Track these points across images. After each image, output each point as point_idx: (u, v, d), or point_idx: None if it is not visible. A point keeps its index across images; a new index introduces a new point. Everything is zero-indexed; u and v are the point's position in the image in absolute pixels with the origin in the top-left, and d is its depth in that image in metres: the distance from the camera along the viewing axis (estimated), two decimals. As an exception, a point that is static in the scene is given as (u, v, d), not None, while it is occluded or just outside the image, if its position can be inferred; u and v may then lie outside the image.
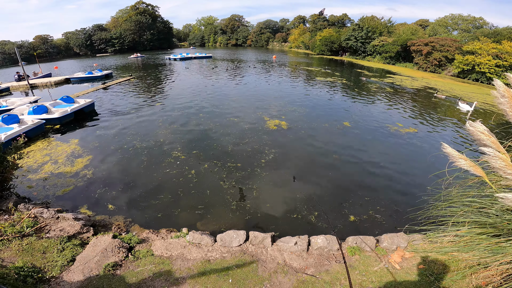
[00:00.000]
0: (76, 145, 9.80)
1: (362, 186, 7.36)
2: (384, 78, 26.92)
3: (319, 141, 10.07)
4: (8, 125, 11.35)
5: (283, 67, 33.01)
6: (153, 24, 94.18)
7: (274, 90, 18.78)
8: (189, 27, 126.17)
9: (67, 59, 77.89)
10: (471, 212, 3.52)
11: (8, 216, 4.88)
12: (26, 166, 8.13)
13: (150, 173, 7.67)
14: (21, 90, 24.93)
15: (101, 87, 22.17)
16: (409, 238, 4.66)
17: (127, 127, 11.67)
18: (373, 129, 11.75)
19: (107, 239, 4.67)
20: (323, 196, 6.90)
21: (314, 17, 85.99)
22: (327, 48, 54.89)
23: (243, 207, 6.33)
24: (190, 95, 17.31)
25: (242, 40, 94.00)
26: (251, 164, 8.18)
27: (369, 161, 8.85)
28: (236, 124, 11.57)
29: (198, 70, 30.60)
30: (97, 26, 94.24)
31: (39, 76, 31.07)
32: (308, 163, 8.47)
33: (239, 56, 49.71)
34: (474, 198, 3.63)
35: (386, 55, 42.64)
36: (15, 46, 45.00)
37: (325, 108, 14.64)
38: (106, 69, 34.32)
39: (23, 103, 16.17)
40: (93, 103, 14.90)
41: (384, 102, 16.85)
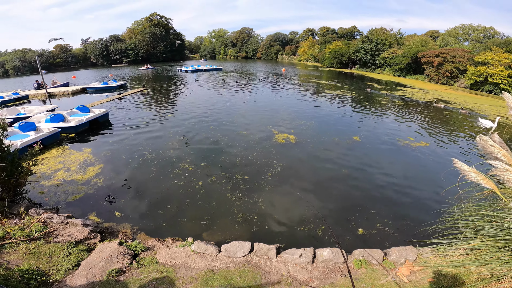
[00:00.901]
0: (89, 154, 10.08)
1: (371, 199, 7.28)
2: (394, 91, 26.74)
3: (328, 155, 10.01)
4: (25, 132, 11.79)
5: (292, 80, 33.25)
6: (166, 36, 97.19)
7: (283, 103, 18.89)
8: (200, 39, 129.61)
9: (85, 69, 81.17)
10: (483, 225, 3.44)
11: (19, 220, 5.03)
12: (40, 172, 8.40)
13: (159, 183, 7.80)
14: (40, 99, 26.01)
15: (116, 97, 22.89)
16: (419, 251, 4.55)
17: (138, 137, 11.94)
18: (383, 143, 11.62)
19: (113, 245, 4.73)
20: (330, 209, 6.85)
21: (323, 30, 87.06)
22: (336, 60, 55.05)
23: (249, 219, 6.31)
24: (200, 107, 17.61)
25: (252, 53, 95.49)
26: (258, 177, 8.20)
27: (378, 175, 8.75)
28: (244, 137, 11.67)
29: (208, 83, 31.17)
30: (113, 37, 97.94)
31: (57, 85, 32.42)
32: (316, 177, 8.43)
33: (249, 68, 50.47)
34: (486, 211, 3.55)
35: (396, 67, 42.37)
36: (36, 54, 47.22)
37: (334, 122, 14.59)
38: (120, 80, 35.52)
39: (40, 111, 16.82)
40: (107, 113, 15.31)
41: (394, 115, 16.67)
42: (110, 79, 36.21)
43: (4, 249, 4.24)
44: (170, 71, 49.43)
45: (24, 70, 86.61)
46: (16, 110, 17.36)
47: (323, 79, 35.34)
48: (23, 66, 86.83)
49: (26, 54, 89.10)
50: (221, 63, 66.61)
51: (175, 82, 33.40)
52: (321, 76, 38.42)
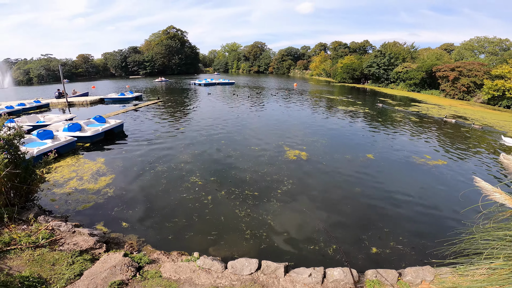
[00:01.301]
0: (101, 164, 10.24)
1: (385, 218, 7.02)
2: (409, 106, 26.25)
3: (340, 173, 9.76)
4: (42, 140, 12.16)
5: (304, 95, 33.25)
6: (182, 48, 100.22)
7: (295, 119, 18.77)
8: (214, 52, 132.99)
9: (104, 79, 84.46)
10: (506, 245, 3.23)
11: (27, 227, 5.06)
12: (53, 180, 8.56)
13: (168, 196, 7.78)
14: (60, 107, 27.09)
15: (131, 108, 23.53)
16: (436, 271, 4.32)
17: (151, 149, 12.05)
18: (398, 161, 11.27)
19: (117, 256, 4.66)
20: (342, 227, 6.62)
21: (335, 44, 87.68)
22: (349, 75, 54.78)
23: (258, 236, 6.14)
24: (212, 121, 17.74)
25: (264, 67, 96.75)
26: (268, 193, 8.05)
27: (393, 193, 8.45)
28: (255, 152, 11.57)
29: (220, 96, 31.60)
30: (132, 48, 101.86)
31: (77, 94, 33.78)
32: (327, 195, 8.21)
33: (261, 83, 50.96)
34: (510, 231, 3.34)
35: (411, 82, 41.72)
36: (60, 63, 49.79)
37: (347, 138, 14.30)
38: (136, 91, 36.67)
39: (59, 120, 17.41)
40: (122, 124, 15.60)
41: (409, 132, 16.24)
42: (127, 90, 37.46)
43: (8, 254, 4.25)
44: (184, 84, 50.69)
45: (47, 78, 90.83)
46: (36, 118, 18.07)
47: (335, 94, 35.22)
48: (46, 75, 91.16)
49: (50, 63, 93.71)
50: (233, 77, 67.86)
51: (188, 95, 34.11)
52: (333, 92, 38.32)
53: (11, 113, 23.28)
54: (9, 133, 6.01)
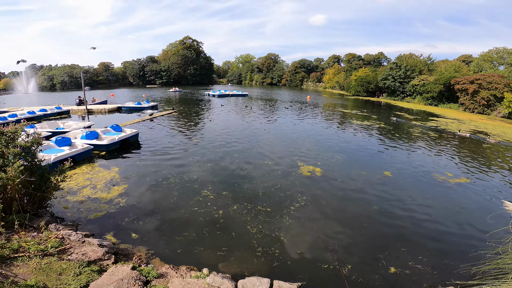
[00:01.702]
0: (115, 173, 10.30)
1: (403, 237, 6.70)
2: (426, 121, 25.47)
3: (356, 190, 9.36)
4: (60, 147, 12.46)
5: (318, 108, 32.93)
6: (197, 59, 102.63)
7: (309, 133, 18.41)
8: (228, 64, 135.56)
9: (122, 88, 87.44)
10: None
11: (37, 234, 5.04)
12: (67, 187, 8.65)
13: (179, 209, 7.67)
14: (79, 114, 28.03)
15: (147, 118, 24.02)
16: None
17: (164, 160, 12.05)
18: (418, 179, 10.76)
19: (125, 269, 4.54)
20: (357, 246, 6.30)
21: (349, 56, 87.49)
22: (363, 88, 54.01)
23: (270, 254, 5.88)
24: (226, 134, 17.67)
25: (277, 79, 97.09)
26: (281, 209, 7.79)
27: (412, 213, 8.03)
28: (269, 167, 11.34)
29: (234, 108, 31.72)
30: (150, 58, 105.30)
31: (96, 102, 34.98)
32: (342, 213, 7.87)
33: (274, 96, 50.98)
34: None
35: (428, 95, 40.57)
36: (82, 71, 52.17)
37: (362, 154, 13.80)
38: (152, 101, 37.60)
39: (78, 127, 17.91)
40: (137, 133, 15.80)
41: (428, 148, 15.60)
42: (144, 100, 38.49)
43: (15, 261, 4.20)
44: (199, 95, 51.58)
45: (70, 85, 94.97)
46: (56, 124, 18.71)
47: (349, 108, 34.70)
48: (69, 81, 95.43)
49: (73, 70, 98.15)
50: (247, 89, 68.51)
51: (202, 106, 34.54)
52: (347, 105, 37.82)
53: (33, 118, 24.32)
54: (27, 140, 6.13)
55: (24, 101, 47.42)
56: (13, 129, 5.93)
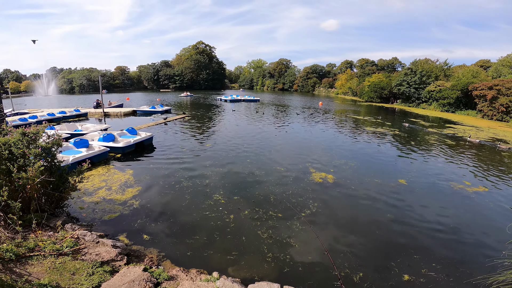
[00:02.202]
0: (130, 175, 10.54)
1: (417, 246, 6.58)
2: (443, 128, 24.73)
3: (369, 198, 9.17)
4: (78, 149, 12.89)
5: (330, 114, 32.48)
6: (209, 64, 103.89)
7: (321, 140, 18.20)
8: (240, 69, 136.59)
9: (137, 91, 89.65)
10: None
11: (53, 233, 5.21)
12: (83, 188, 8.93)
13: (190, 212, 7.75)
14: (96, 117, 28.95)
15: (161, 121, 24.51)
16: None
17: (177, 164, 12.22)
18: (434, 187, 10.46)
19: (137, 271, 4.61)
20: (369, 254, 6.19)
21: (361, 62, 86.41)
22: (376, 94, 53.04)
23: (280, 259, 5.84)
24: (238, 139, 17.72)
25: (288, 85, 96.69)
26: (292, 215, 7.73)
27: (427, 221, 7.81)
28: (280, 173, 11.27)
29: (245, 114, 31.77)
30: (164, 62, 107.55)
31: (112, 105, 36.06)
32: (354, 220, 7.74)
33: (285, 101, 50.79)
34: None
35: (444, 102, 39.32)
36: (100, 74, 54.15)
37: (377, 162, 13.47)
38: (166, 105, 38.38)
39: (95, 129, 18.49)
40: (152, 137, 16.12)
41: (445, 156, 15.11)
42: (158, 104, 39.35)
43: (30, 260, 4.33)
44: (211, 100, 52.18)
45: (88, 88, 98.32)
46: (74, 126, 19.39)
47: (362, 114, 34.14)
48: (87, 85, 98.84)
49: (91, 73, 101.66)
50: (258, 94, 68.61)
51: (215, 110, 34.91)
52: (360, 112, 37.22)
53: (52, 120, 25.32)
54: (48, 141, 6.38)
55: (44, 103, 49.51)
56: (35, 130, 6.17)
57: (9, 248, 4.16)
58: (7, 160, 5.28)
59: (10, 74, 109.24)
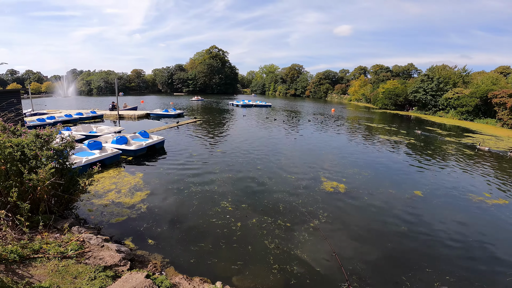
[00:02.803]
0: (139, 179, 10.60)
1: (431, 260, 6.30)
2: (461, 137, 23.79)
3: (382, 210, 8.82)
4: (91, 150, 13.17)
5: (342, 121, 31.80)
6: (222, 68, 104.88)
7: (333, 147, 17.81)
8: (252, 74, 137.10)
9: (152, 95, 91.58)
10: None
11: (59, 236, 5.24)
12: (94, 191, 9.06)
13: (197, 219, 7.67)
14: (111, 119, 29.71)
15: (173, 125, 24.83)
16: None
17: (187, 169, 12.20)
18: (450, 198, 10.02)
19: (139, 277, 4.54)
20: (379, 267, 5.97)
21: (376, 68, 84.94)
22: (391, 101, 51.77)
23: (286, 271, 5.65)
24: (249, 145, 17.58)
25: (300, 90, 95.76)
26: (301, 226, 7.51)
27: (443, 233, 7.47)
28: (291, 181, 11.05)
29: (256, 119, 31.59)
30: (178, 66, 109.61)
31: (127, 108, 36.95)
32: (364, 232, 7.45)
33: (297, 107, 50.28)
34: None
35: (462, 110, 37.86)
36: (116, 77, 55.88)
37: (391, 172, 13.00)
38: (178, 109, 38.96)
39: (109, 131, 18.91)
40: (163, 140, 16.26)
41: (463, 166, 14.46)
42: (170, 107, 39.99)
43: (34, 262, 4.33)
44: (223, 104, 52.51)
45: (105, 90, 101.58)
46: (90, 128, 19.91)
47: (375, 121, 33.33)
48: (105, 87, 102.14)
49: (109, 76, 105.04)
50: (270, 100, 68.32)
51: (226, 115, 35.06)
52: (374, 119, 36.41)
53: (69, 121, 26.17)
54: (61, 143, 6.49)
55: (64, 104, 51.43)
56: (49, 132, 6.30)
57: (13, 249, 4.19)
58: (19, 161, 5.38)
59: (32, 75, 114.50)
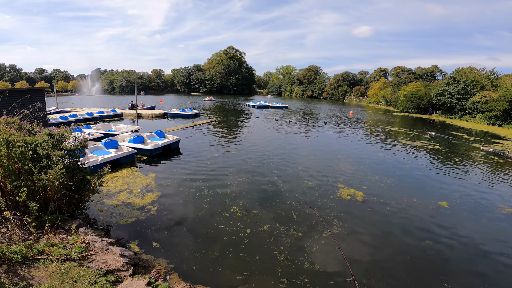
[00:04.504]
0: (151, 180, 10.60)
1: (452, 276, 5.84)
2: (489, 143, 22.26)
3: (402, 221, 8.25)
4: (108, 149, 13.44)
5: (361, 125, 30.55)
6: (239, 69, 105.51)
7: (351, 151, 17.08)
8: (269, 75, 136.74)
9: (170, 94, 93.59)
10: None
11: (65, 237, 5.23)
12: (106, 190, 9.15)
13: (205, 224, 7.48)
14: (130, 118, 30.51)
15: (189, 125, 25.07)
16: None
17: (200, 170, 12.08)
18: (478, 209, 9.32)
19: (140, 284, 4.40)
20: (397, 282, 5.59)
21: (397, 70, 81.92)
22: (413, 104, 49.55)
23: (296, 284, 5.35)
24: (263, 147, 17.20)
25: (318, 92, 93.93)
26: (314, 235, 7.13)
27: (469, 248, 6.96)
28: (306, 186, 10.62)
29: (272, 121, 30.94)
30: (196, 66, 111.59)
31: (145, 107, 37.87)
32: (383, 245, 6.98)
33: (314, 109, 49.21)
34: None
35: (490, 114, 35.59)
36: (136, 77, 57.66)
37: (413, 180, 12.17)
38: (195, 109, 39.42)
39: (126, 130, 19.32)
40: (178, 140, 16.34)
41: (492, 176, 13.43)
42: (187, 107, 40.58)
43: (36, 263, 4.30)
44: (240, 105, 52.55)
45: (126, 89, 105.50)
46: (109, 126, 20.45)
47: (397, 125, 31.79)
48: (126, 86, 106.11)
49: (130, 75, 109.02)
50: (286, 101, 67.58)
51: (242, 116, 34.88)
52: (395, 122, 34.90)
53: (90, 119, 27.15)
54: (73, 143, 6.54)
55: (88, 103, 53.72)
56: (61, 132, 6.35)
57: (17, 250, 4.19)
58: (31, 161, 5.44)
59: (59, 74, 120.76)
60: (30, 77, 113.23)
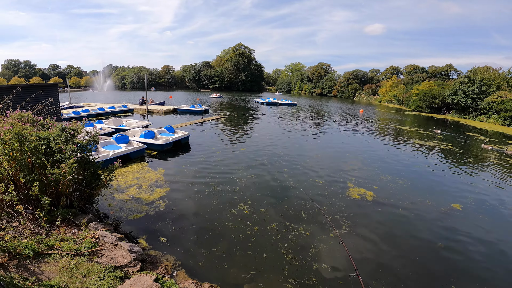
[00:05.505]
0: (161, 175, 10.68)
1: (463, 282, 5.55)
2: (504, 145, 21.51)
3: (414, 223, 8.07)
4: (119, 144, 13.64)
5: (372, 123, 29.95)
6: (248, 66, 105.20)
7: (362, 151, 16.76)
8: (278, 72, 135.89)
9: (180, 90, 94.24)
10: None
11: (76, 231, 5.31)
12: (116, 185, 9.27)
13: (213, 221, 7.48)
14: (140, 113, 30.93)
15: (198, 121, 25.20)
16: None
17: (209, 167, 12.10)
18: (493, 213, 9.02)
19: (148, 280, 4.43)
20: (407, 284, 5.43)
21: (409, 68, 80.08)
22: (426, 104, 48.28)
23: (304, 284, 5.29)
24: (272, 145, 17.07)
25: (327, 90, 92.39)
26: (323, 235, 7.03)
27: (485, 253, 6.70)
28: (315, 185, 10.49)
29: (281, 118, 30.72)
30: (205, 63, 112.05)
31: (155, 103, 38.31)
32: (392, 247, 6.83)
33: (324, 107, 48.51)
34: None
35: (506, 115, 34.44)
36: (147, 73, 58.43)
37: (427, 181, 11.85)
38: (204, 105, 39.59)
39: (137, 126, 19.55)
40: (188, 136, 16.43)
41: (508, 178, 13.00)
42: (197, 103, 40.80)
43: (46, 258, 4.37)
44: (249, 102, 52.41)
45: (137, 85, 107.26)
46: (120, 122, 20.77)
47: (408, 124, 31.08)
48: (137, 82, 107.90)
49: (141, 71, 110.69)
50: (295, 98, 66.86)
51: (250, 113, 34.80)
52: (407, 122, 34.13)
53: (102, 114, 27.61)
54: (85, 138, 6.63)
55: (100, 98, 54.74)
56: (74, 127, 6.44)
57: (28, 244, 4.27)
58: (43, 155, 5.53)
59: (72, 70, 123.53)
60: (44, 73, 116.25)
